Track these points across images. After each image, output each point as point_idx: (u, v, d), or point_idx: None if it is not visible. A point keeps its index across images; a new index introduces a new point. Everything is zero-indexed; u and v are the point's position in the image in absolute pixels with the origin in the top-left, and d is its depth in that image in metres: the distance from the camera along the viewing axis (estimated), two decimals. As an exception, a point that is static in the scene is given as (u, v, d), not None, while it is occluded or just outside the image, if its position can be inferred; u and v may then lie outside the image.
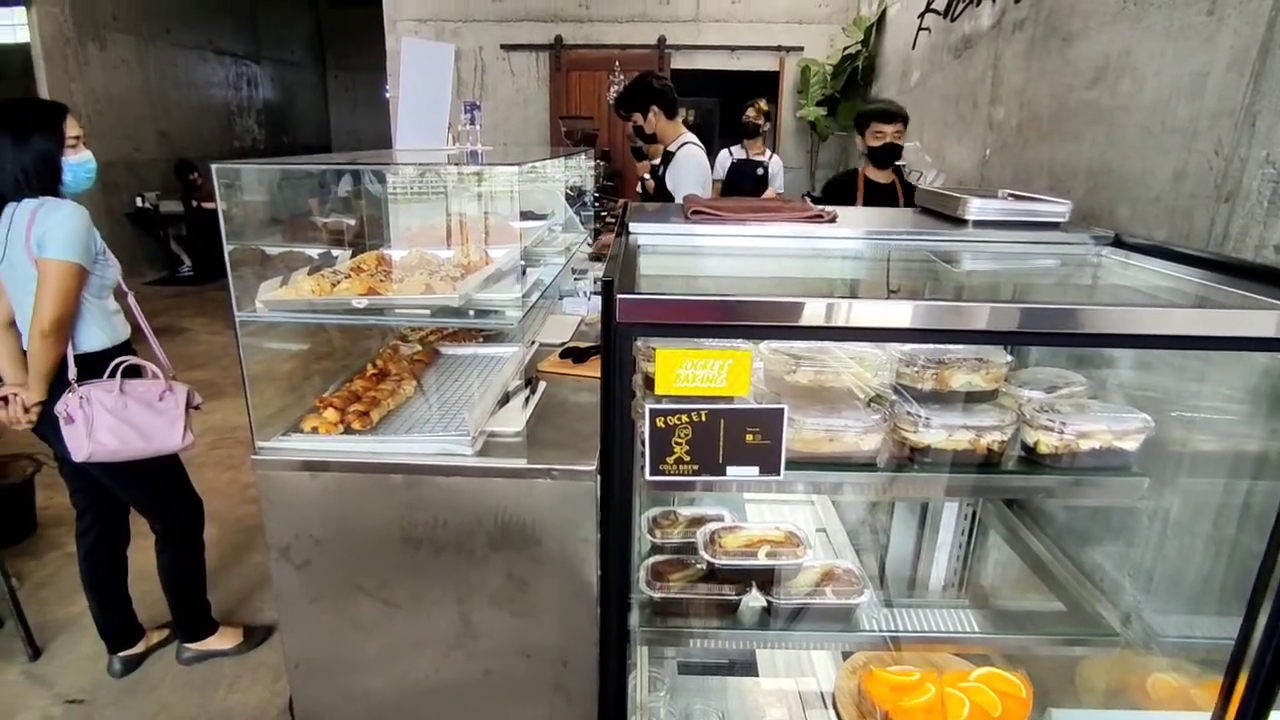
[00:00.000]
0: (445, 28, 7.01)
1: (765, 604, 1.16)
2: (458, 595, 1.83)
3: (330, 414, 1.76)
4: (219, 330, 6.55)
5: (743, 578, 1.12)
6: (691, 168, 3.43)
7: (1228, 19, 2.59)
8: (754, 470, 0.78)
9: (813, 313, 0.73)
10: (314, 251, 2.19)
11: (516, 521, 1.75)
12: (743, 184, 5.28)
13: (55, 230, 2.07)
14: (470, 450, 1.73)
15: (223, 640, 2.65)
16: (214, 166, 1.60)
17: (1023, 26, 3.93)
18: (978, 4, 4.36)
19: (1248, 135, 2.49)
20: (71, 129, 2.17)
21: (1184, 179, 2.78)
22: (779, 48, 7.17)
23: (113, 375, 2.20)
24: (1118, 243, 1.38)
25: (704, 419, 0.76)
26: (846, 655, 1.58)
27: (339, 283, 1.77)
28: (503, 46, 7.04)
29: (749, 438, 0.76)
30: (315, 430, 1.76)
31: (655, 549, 1.19)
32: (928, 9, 5.06)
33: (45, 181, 2.13)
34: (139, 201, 8.19)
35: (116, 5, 7.87)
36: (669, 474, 0.78)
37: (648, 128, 3.52)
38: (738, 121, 5.47)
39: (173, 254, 8.66)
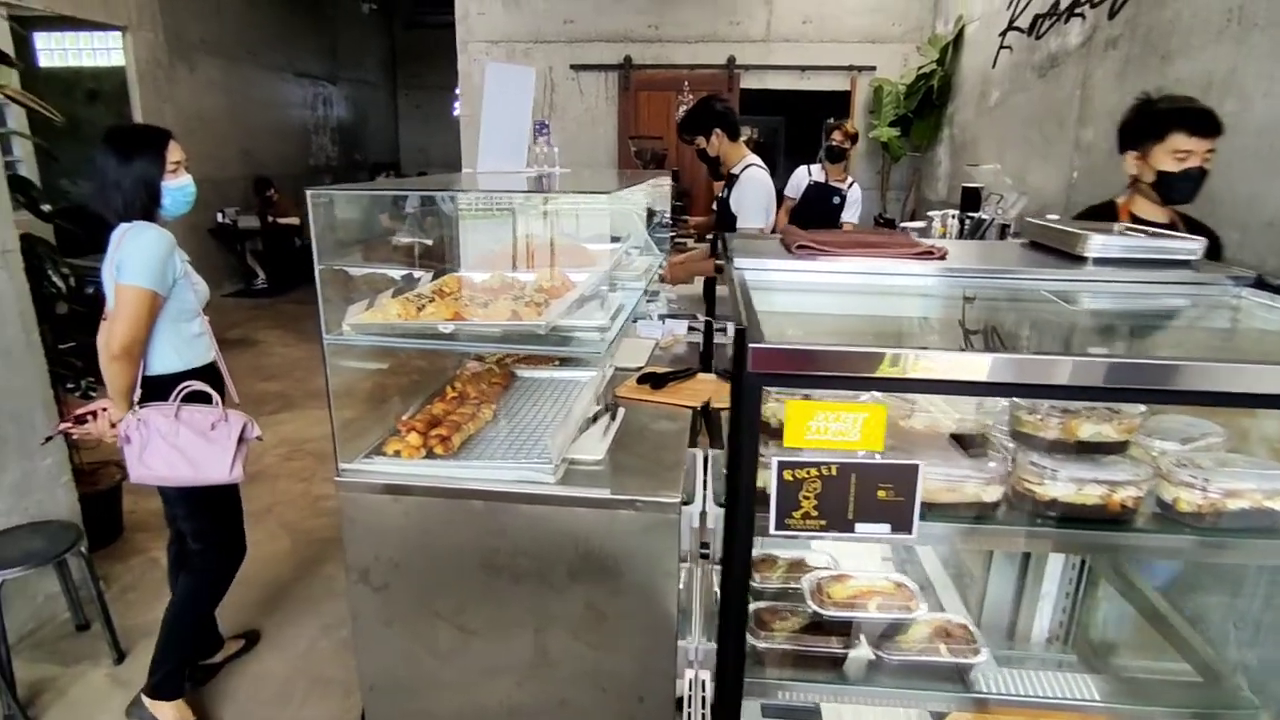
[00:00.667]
0: (516, 49, 7.14)
1: (873, 658, 1.09)
2: (535, 624, 1.80)
3: (413, 438, 1.76)
4: (292, 343, 6.75)
5: (850, 630, 1.06)
6: (754, 191, 3.41)
7: (1353, 37, 2.43)
8: (885, 528, 0.73)
9: (962, 367, 0.68)
10: (396, 273, 2.21)
11: (598, 552, 1.72)
12: (818, 208, 5.11)
13: (132, 256, 2.08)
14: (552, 478, 1.71)
15: (174, 715, 2.34)
16: (308, 192, 1.63)
17: (1116, 44, 3.77)
18: (1066, 21, 4.21)
19: (1379, 160, 2.31)
20: (174, 154, 2.23)
21: (1303, 206, 2.61)
22: (850, 67, 7.08)
23: (173, 399, 2.19)
24: (1260, 284, 1.26)
25: (834, 473, 0.71)
26: (940, 716, 1.48)
27: (424, 306, 1.77)
28: (572, 67, 7.13)
29: (881, 494, 0.71)
30: (398, 454, 1.76)
31: (754, 594, 1.14)
32: (1010, 26, 4.92)
33: (145, 205, 2.17)
34: (219, 217, 8.54)
35: (206, 29, 8.27)
36: (795, 528, 0.73)
37: (710, 150, 3.52)
38: (813, 141, 5.33)
39: (249, 267, 8.99)
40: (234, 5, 8.80)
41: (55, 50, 8.23)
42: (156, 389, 2.20)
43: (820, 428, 0.70)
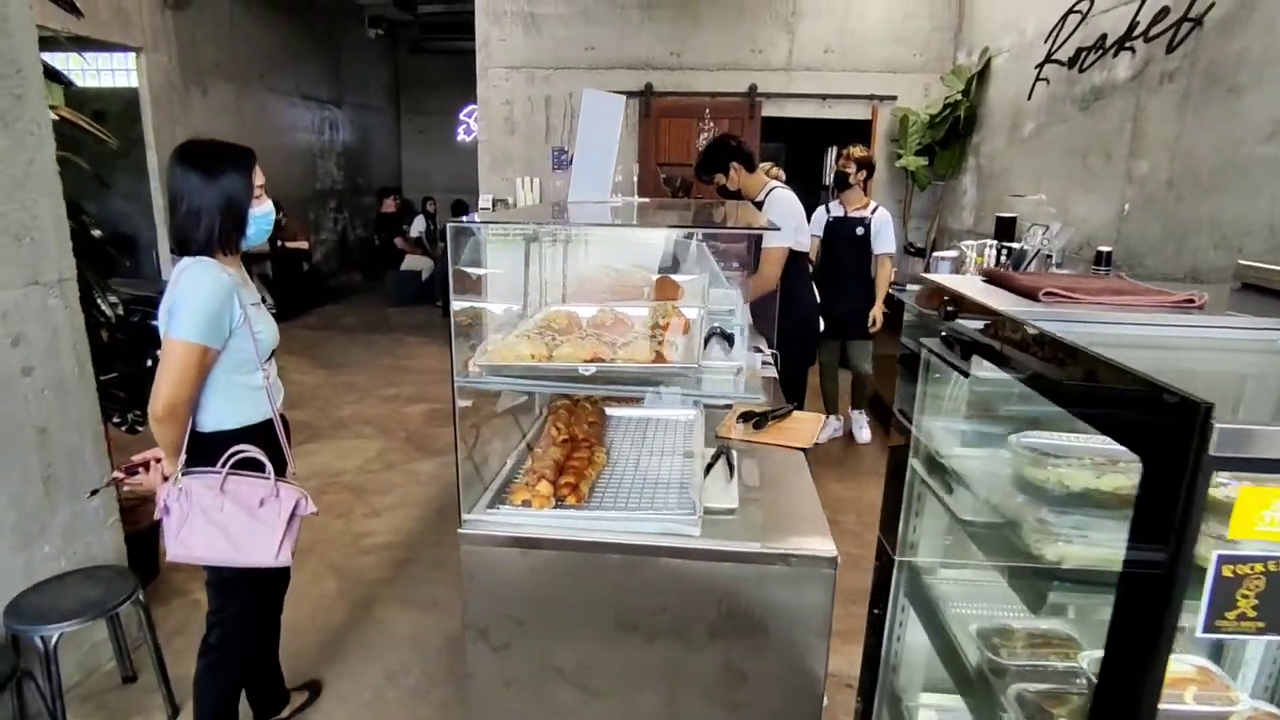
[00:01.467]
0: (536, 75, 7.11)
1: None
2: (668, 684, 1.68)
3: (544, 487, 1.64)
4: (308, 370, 6.59)
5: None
6: (783, 206, 3.53)
7: None
8: None
9: None
10: (497, 307, 2.10)
11: (743, 608, 1.60)
12: (840, 245, 4.99)
13: (185, 303, 1.83)
14: (697, 530, 1.59)
15: None
16: (448, 226, 1.53)
17: (1173, 78, 3.76)
18: (1114, 55, 4.20)
19: None
20: (258, 177, 2.07)
21: (1404, 242, 2.56)
22: (871, 96, 7.10)
23: (222, 465, 1.91)
24: None
25: (1274, 569, 0.61)
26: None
27: (556, 345, 1.66)
28: (593, 93, 7.09)
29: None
30: (527, 504, 1.64)
31: (995, 669, 1.03)
32: (1048, 59, 4.93)
33: (228, 234, 1.94)
34: (229, 240, 8.38)
35: (219, 53, 8.18)
36: (1226, 630, 0.63)
37: (731, 185, 3.62)
38: (818, 170, 5.22)
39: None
40: (247, 29, 8.72)
41: (66, 71, 8.10)
42: (205, 449, 1.93)
43: (1275, 518, 0.61)
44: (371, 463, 4.62)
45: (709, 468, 1.91)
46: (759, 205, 3.55)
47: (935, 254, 5.84)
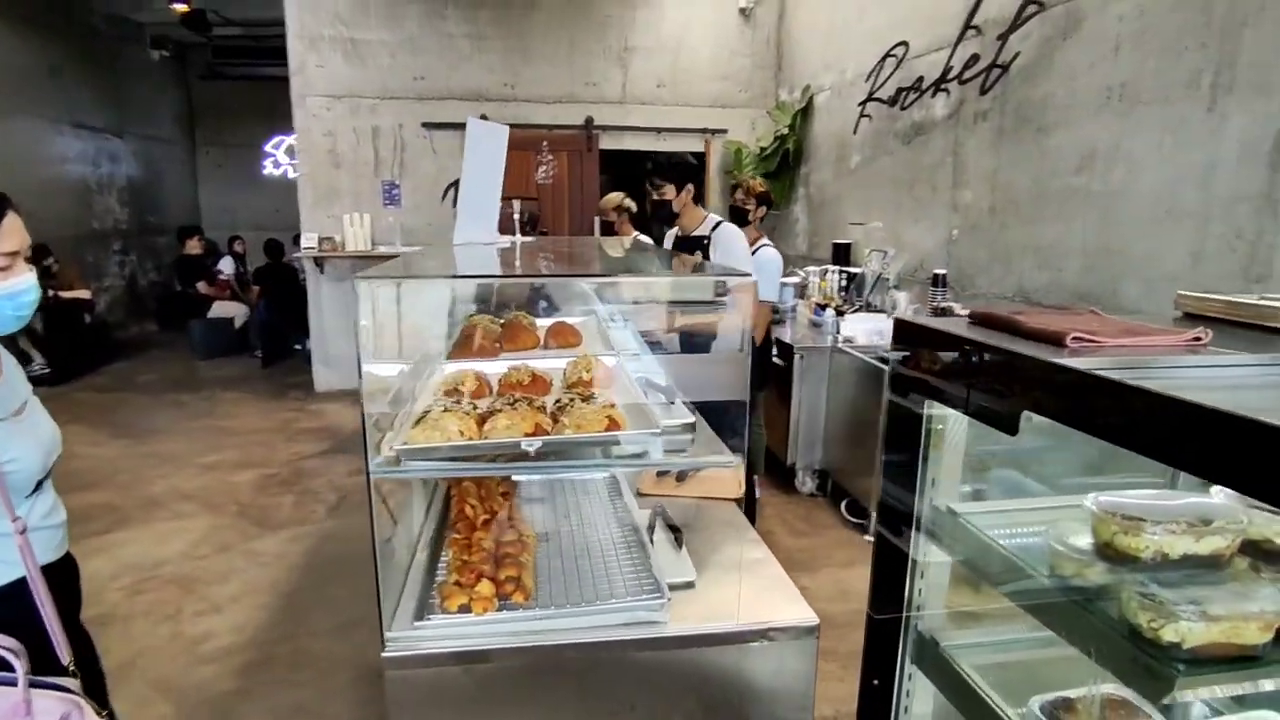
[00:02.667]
0: (361, 104, 6.63)
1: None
2: (639, 795, 1.47)
3: (485, 586, 1.39)
4: (102, 441, 5.60)
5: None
6: (739, 246, 3.38)
7: (1230, 116, 2.79)
8: None
9: None
10: (389, 369, 1.81)
11: (722, 695, 1.44)
12: None
13: None
14: (666, 615, 1.42)
15: None
16: (357, 281, 1.25)
17: (987, 117, 4.15)
18: (933, 95, 4.59)
19: (1271, 221, 2.64)
20: (7, 239, 1.37)
21: (1203, 259, 2.93)
22: (704, 130, 7.33)
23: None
24: None
25: None
26: None
27: (486, 418, 1.42)
28: (424, 125, 6.74)
29: None
30: (465, 609, 1.37)
31: None
32: (870, 98, 5.31)
33: None
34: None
35: (-41, 72, 6.89)
36: None
37: (675, 204, 3.43)
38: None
39: (21, 351, 7.44)
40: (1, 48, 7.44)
41: None
42: None
43: None
44: (199, 547, 3.95)
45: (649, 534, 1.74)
46: (699, 241, 3.38)
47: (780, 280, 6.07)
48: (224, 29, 9.36)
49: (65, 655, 1.35)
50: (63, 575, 1.53)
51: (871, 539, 3.96)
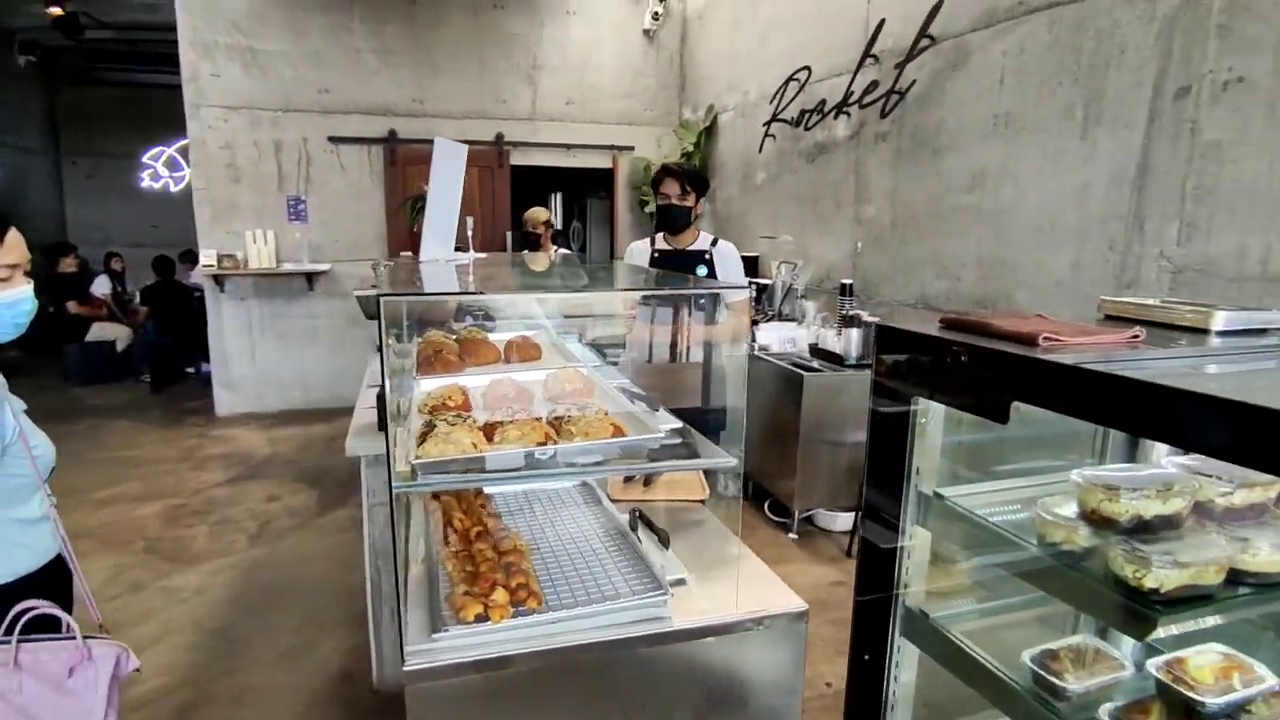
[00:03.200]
0: (262, 117, 6.37)
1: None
2: (652, 784, 1.56)
3: (500, 595, 1.44)
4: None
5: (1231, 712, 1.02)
6: (739, 263, 3.43)
7: (1100, 143, 3.19)
8: None
9: None
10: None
11: (724, 683, 1.56)
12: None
13: None
14: (670, 611, 1.51)
15: None
16: (380, 298, 1.28)
17: (886, 139, 4.51)
18: (835, 117, 4.92)
19: (1138, 234, 3.05)
20: (8, 254, 1.56)
21: (1081, 269, 3.32)
22: (612, 146, 7.49)
23: (9, 630, 1.46)
24: None
25: None
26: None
27: (494, 431, 1.48)
28: (330, 139, 6.55)
29: None
30: (481, 618, 1.42)
31: (1057, 693, 1.09)
32: (774, 119, 5.62)
33: None
34: None
35: None
36: None
37: (693, 213, 3.37)
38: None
39: None
40: None
41: None
42: None
43: None
44: (108, 587, 3.69)
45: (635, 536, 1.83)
46: (699, 256, 3.33)
47: (696, 292, 6.29)
48: (96, 32, 8.71)
49: (97, 616, 1.61)
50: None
51: (795, 536, 4.22)
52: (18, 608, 1.46)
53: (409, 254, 5.10)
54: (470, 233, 2.58)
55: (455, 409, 1.76)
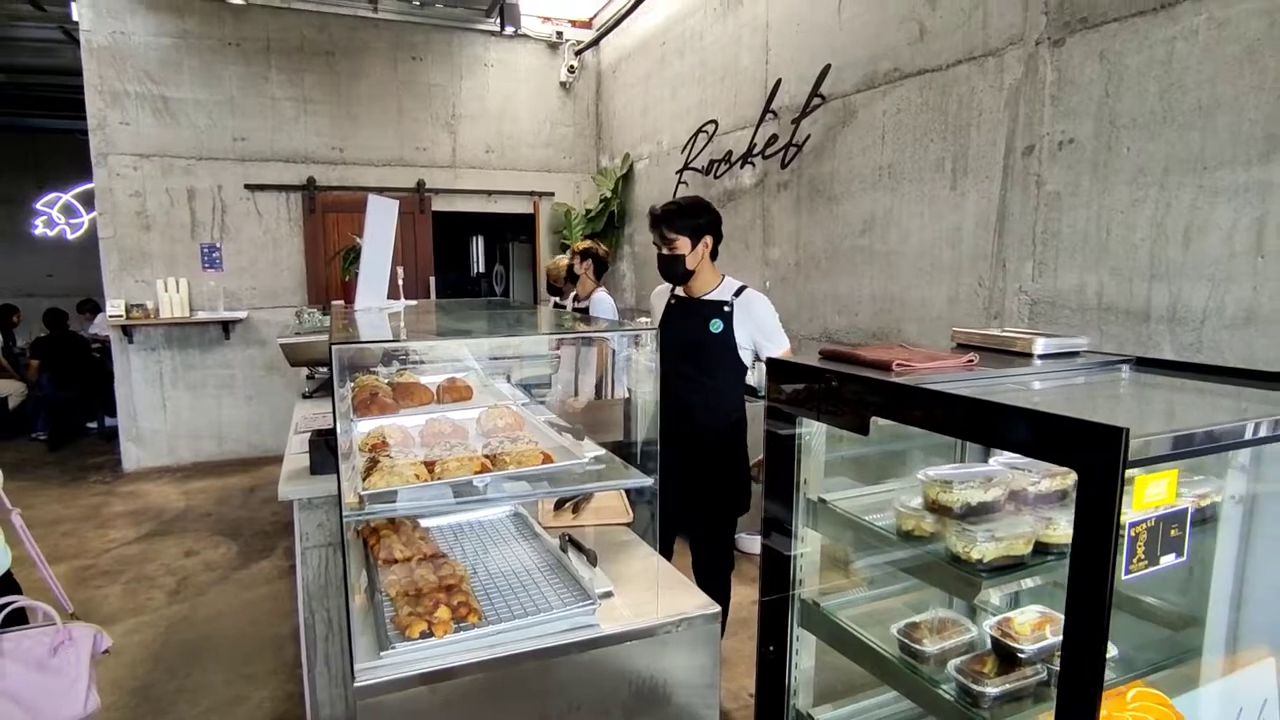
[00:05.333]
0: (174, 165, 6.31)
1: (1046, 676, 1.32)
2: (587, 780, 1.70)
3: (444, 612, 1.57)
4: None
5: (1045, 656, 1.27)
6: (770, 316, 2.80)
7: (967, 193, 3.62)
8: (1173, 556, 1.03)
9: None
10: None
11: (649, 683, 1.73)
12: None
13: None
14: (598, 619, 1.68)
15: None
16: (333, 345, 1.43)
17: (787, 187, 4.90)
18: (741, 166, 5.30)
19: (1001, 272, 3.46)
20: None
21: (958, 303, 3.72)
22: (532, 193, 7.72)
23: None
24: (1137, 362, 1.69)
25: (1154, 524, 0.99)
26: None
27: (433, 464, 1.63)
28: (247, 186, 6.53)
29: (1172, 532, 1.02)
30: (426, 634, 1.55)
31: (918, 655, 1.31)
32: (686, 167, 5.97)
33: None
34: None
35: None
36: (1136, 570, 0.99)
37: (689, 262, 2.73)
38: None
39: None
40: None
41: None
42: None
43: (1153, 494, 0.98)
44: (13, 655, 3.53)
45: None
46: (717, 307, 2.74)
47: (617, 332, 6.53)
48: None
49: (68, 606, 1.83)
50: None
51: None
52: None
53: (340, 302, 5.16)
54: (400, 282, 2.72)
55: (396, 445, 1.90)
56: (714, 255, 2.81)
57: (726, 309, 2.75)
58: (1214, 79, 2.53)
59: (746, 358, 2.81)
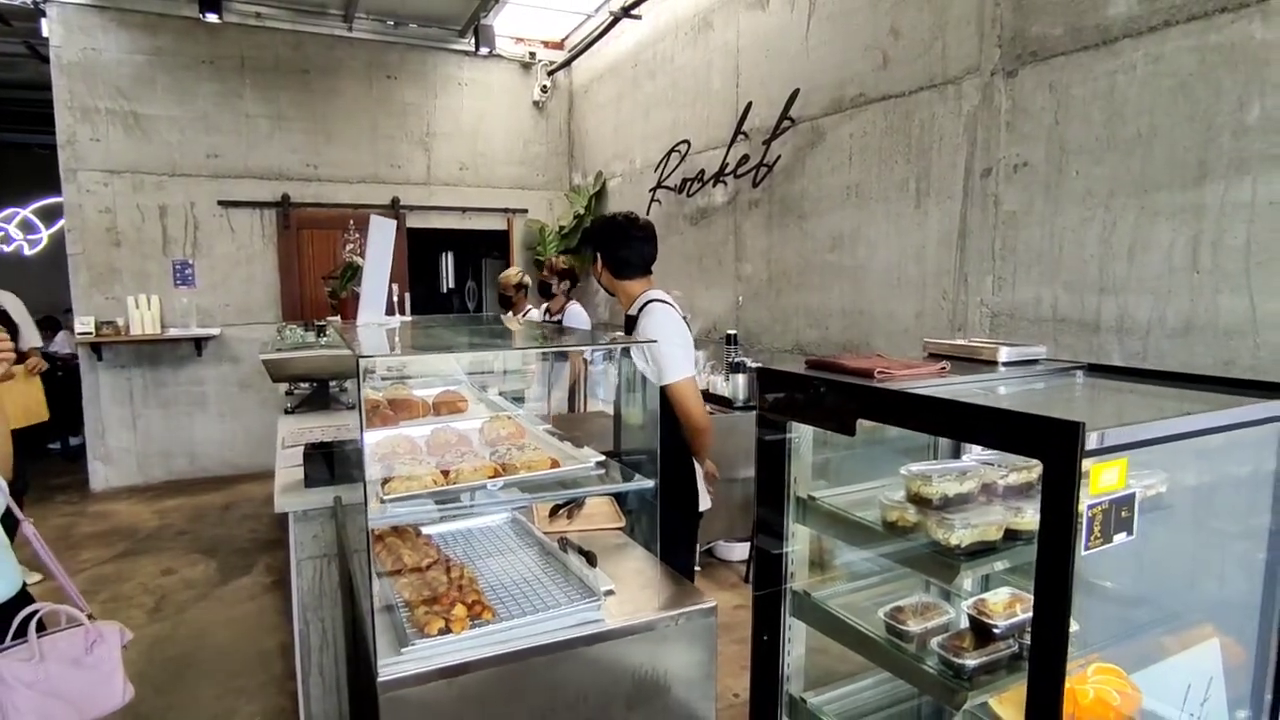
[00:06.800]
0: (145, 181, 6.28)
1: (1017, 649, 1.46)
2: (593, 767, 1.80)
3: (460, 610, 1.67)
4: None
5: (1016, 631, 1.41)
6: (666, 322, 2.65)
7: (930, 212, 3.83)
8: (1124, 534, 1.18)
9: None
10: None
11: (650, 675, 1.83)
12: None
13: None
14: (603, 615, 1.79)
15: None
16: (359, 357, 1.52)
17: (759, 205, 5.09)
18: (713, 185, 5.48)
19: (964, 286, 3.67)
20: None
21: (924, 316, 3.92)
22: (506, 209, 7.83)
23: (20, 634, 1.70)
24: (1090, 368, 1.88)
25: (1108, 506, 1.14)
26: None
27: (447, 471, 1.73)
28: (220, 203, 6.52)
29: (1123, 513, 1.17)
30: (444, 631, 1.64)
31: (902, 635, 1.45)
32: (659, 185, 6.14)
33: None
34: None
35: None
36: (1094, 547, 1.13)
37: (601, 280, 2.81)
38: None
39: None
40: None
41: None
42: None
43: (1106, 480, 1.13)
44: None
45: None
46: (631, 320, 2.71)
47: (593, 346, 6.64)
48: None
49: (85, 608, 1.85)
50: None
51: (699, 568, 4.56)
52: (25, 611, 1.71)
53: (337, 318, 5.24)
54: (396, 299, 2.81)
55: (405, 454, 1.99)
56: (621, 272, 2.75)
57: (637, 321, 2.68)
58: (1151, 109, 2.76)
59: (650, 373, 2.27)
